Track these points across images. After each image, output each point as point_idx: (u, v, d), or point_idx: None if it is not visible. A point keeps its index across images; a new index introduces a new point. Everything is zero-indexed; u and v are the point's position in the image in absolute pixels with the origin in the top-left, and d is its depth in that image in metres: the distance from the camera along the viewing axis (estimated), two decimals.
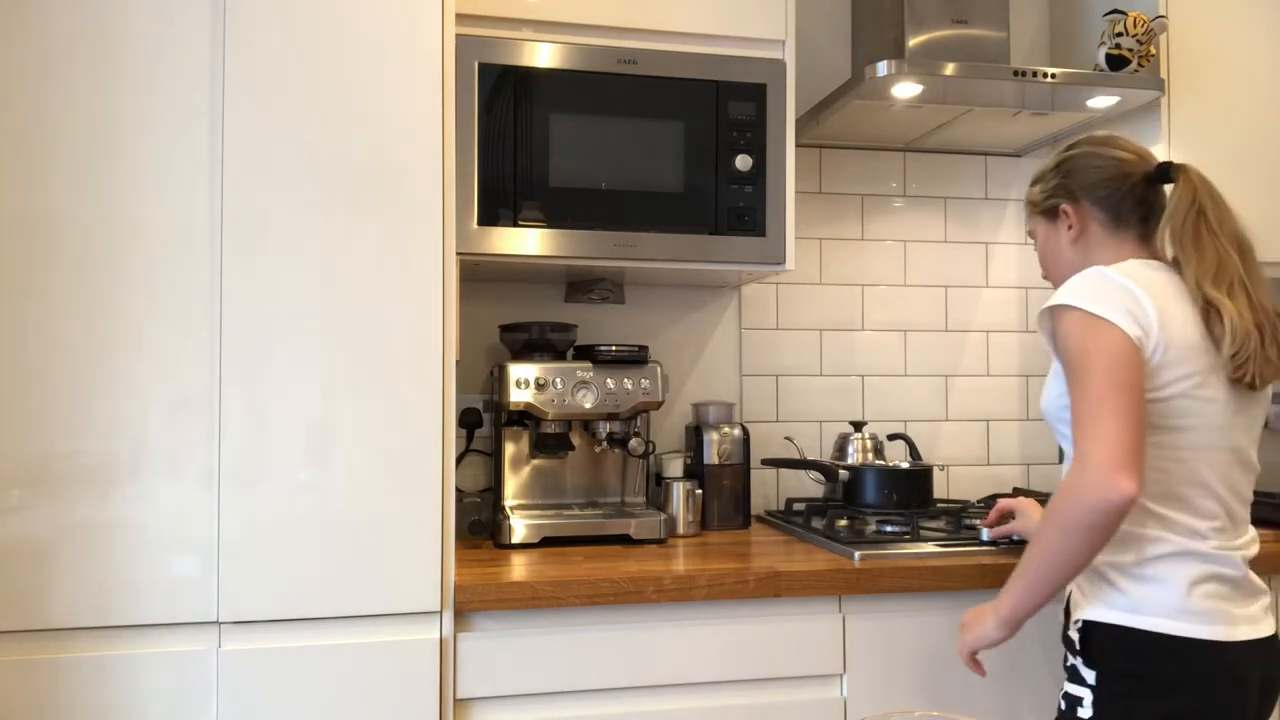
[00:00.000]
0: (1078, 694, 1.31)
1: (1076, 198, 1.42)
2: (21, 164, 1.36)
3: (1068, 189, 1.43)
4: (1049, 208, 1.45)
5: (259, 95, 1.43)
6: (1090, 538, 1.20)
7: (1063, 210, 1.43)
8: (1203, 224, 1.32)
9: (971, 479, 2.35)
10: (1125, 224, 1.40)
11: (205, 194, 1.42)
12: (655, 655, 1.54)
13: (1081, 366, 1.24)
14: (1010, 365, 2.38)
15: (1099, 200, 1.40)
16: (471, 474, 2.10)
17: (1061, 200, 1.43)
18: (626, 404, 1.86)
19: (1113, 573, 1.30)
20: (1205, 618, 1.25)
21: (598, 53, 1.80)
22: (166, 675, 1.38)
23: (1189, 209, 1.33)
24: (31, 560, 1.36)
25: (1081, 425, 1.22)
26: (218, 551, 1.40)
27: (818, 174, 2.30)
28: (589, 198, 1.79)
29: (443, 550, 1.47)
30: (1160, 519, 1.28)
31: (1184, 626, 1.24)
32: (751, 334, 2.26)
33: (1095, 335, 1.24)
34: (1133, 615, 1.27)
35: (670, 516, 1.93)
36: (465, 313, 2.12)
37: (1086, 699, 1.29)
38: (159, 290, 1.40)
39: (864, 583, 1.59)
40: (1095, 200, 1.40)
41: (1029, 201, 1.50)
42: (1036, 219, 1.49)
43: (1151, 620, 1.26)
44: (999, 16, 2.05)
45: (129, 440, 1.38)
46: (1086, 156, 1.42)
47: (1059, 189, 1.44)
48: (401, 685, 1.44)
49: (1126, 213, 1.40)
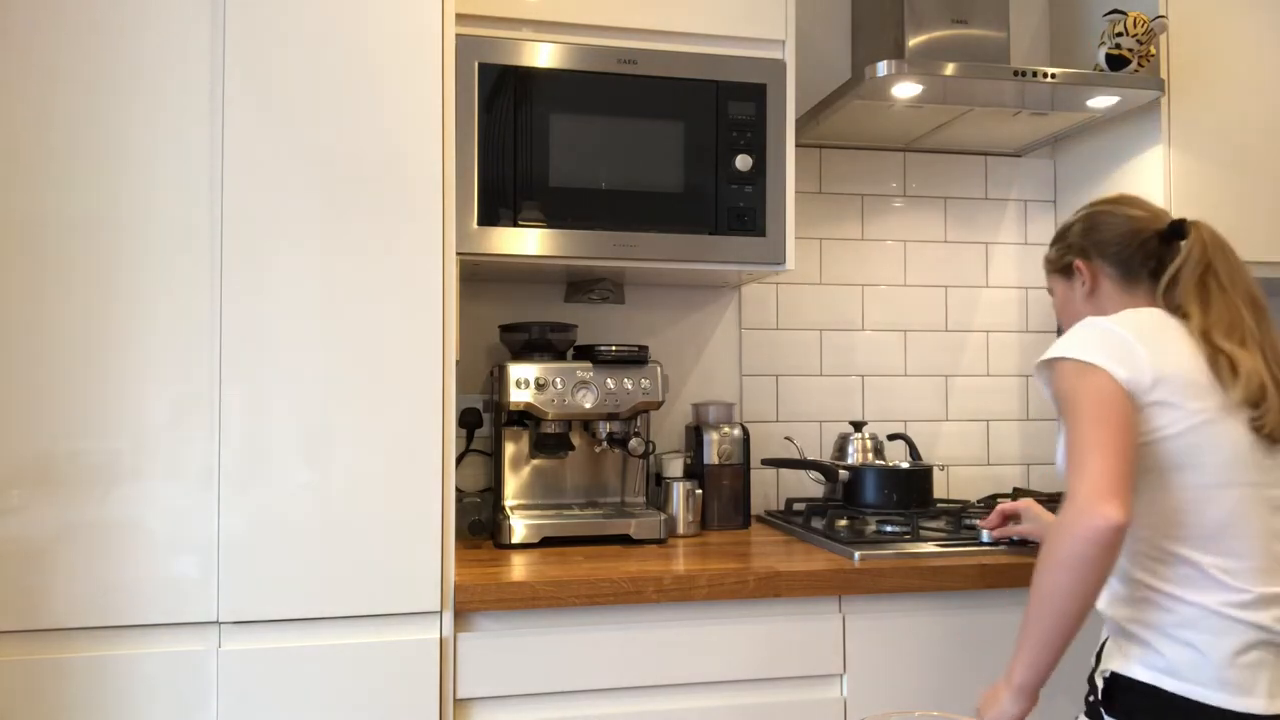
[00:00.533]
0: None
1: (1089, 254, 1.45)
2: (22, 164, 1.37)
3: (1081, 246, 1.46)
4: (1064, 265, 1.49)
5: (259, 95, 1.43)
6: (1084, 572, 1.18)
7: (1076, 266, 1.46)
8: (1212, 279, 1.34)
9: (971, 479, 2.35)
10: (1136, 279, 1.42)
11: (205, 194, 1.42)
12: (655, 655, 1.54)
13: (1071, 412, 1.25)
14: (1010, 365, 2.38)
15: (1110, 256, 1.43)
16: (471, 474, 2.10)
17: (1075, 257, 1.47)
18: (626, 404, 1.86)
19: (1146, 632, 1.26)
20: (1239, 689, 1.20)
21: (598, 53, 1.80)
22: (167, 675, 1.38)
23: (1197, 264, 1.35)
24: (32, 560, 1.36)
25: (1071, 468, 1.23)
26: (218, 551, 1.40)
27: (818, 174, 2.30)
28: (589, 198, 1.79)
29: (443, 550, 1.47)
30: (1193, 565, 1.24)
31: (1221, 697, 1.20)
32: (751, 334, 2.26)
33: (1083, 380, 1.25)
34: (1166, 677, 1.24)
35: (670, 516, 1.93)
36: (465, 313, 2.12)
37: None
38: (159, 290, 1.40)
39: (864, 583, 1.59)
40: (1106, 256, 1.43)
41: (1046, 261, 1.54)
42: (1054, 277, 1.52)
43: (1185, 686, 1.22)
44: (999, 16, 2.05)
45: (129, 440, 1.38)
46: (1100, 215, 1.46)
47: (1073, 247, 1.47)
48: (401, 685, 1.44)
49: (1137, 268, 1.42)
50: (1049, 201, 2.41)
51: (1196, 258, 1.35)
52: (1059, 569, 1.20)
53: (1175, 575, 1.25)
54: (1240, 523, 1.24)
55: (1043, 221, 2.41)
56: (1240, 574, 1.23)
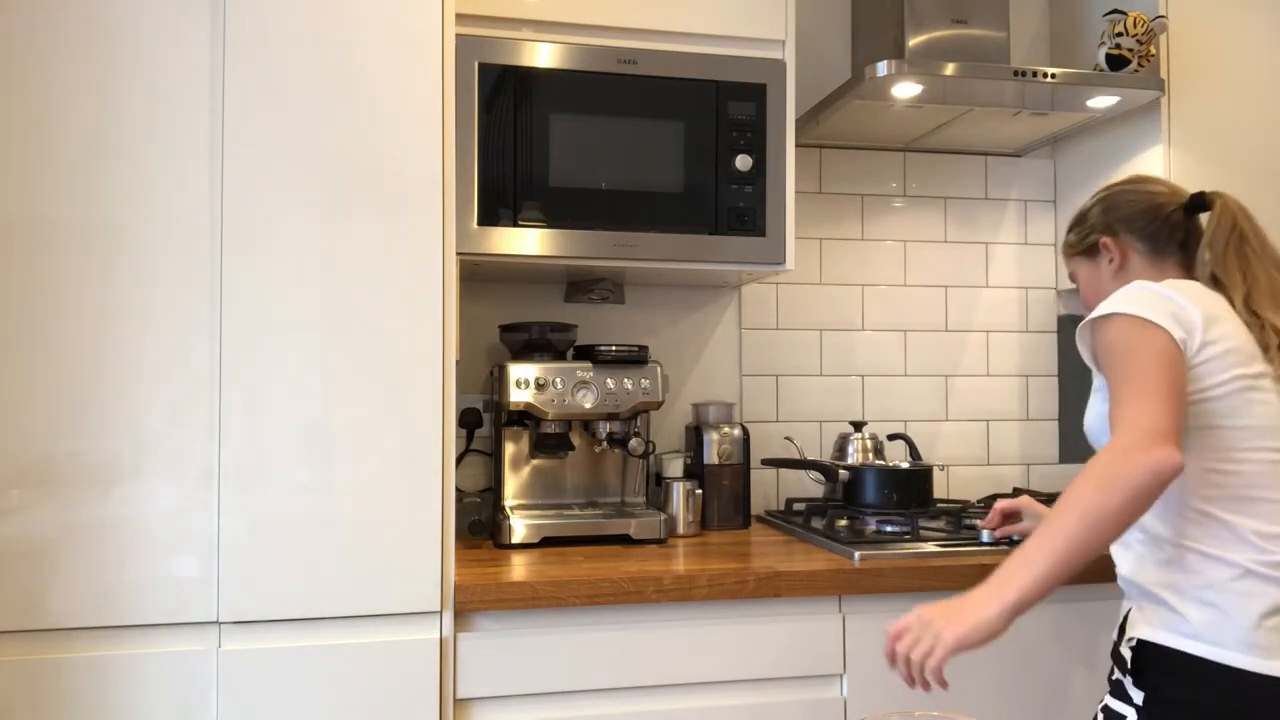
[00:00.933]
0: (1121, 711, 1.28)
1: (1115, 231, 1.44)
2: (22, 164, 1.37)
3: (1105, 224, 1.45)
4: (1088, 245, 1.47)
5: (259, 95, 1.43)
6: (1138, 502, 1.14)
7: (1102, 244, 1.45)
8: (1246, 247, 1.34)
9: (971, 479, 2.35)
10: (1164, 252, 1.41)
11: (205, 194, 1.42)
12: (655, 655, 1.54)
13: (1128, 362, 1.22)
14: (1010, 365, 2.38)
15: (1137, 231, 1.42)
16: (471, 474, 2.10)
17: (1100, 235, 1.45)
18: (626, 404, 1.86)
19: (1173, 596, 1.25)
20: (1267, 652, 1.19)
21: (598, 53, 1.80)
22: (167, 675, 1.38)
23: (1230, 233, 1.34)
24: (32, 560, 1.36)
25: (1125, 403, 1.19)
26: (218, 551, 1.40)
27: (818, 174, 2.30)
28: (589, 198, 1.79)
29: (443, 550, 1.47)
30: (1224, 524, 1.23)
31: (1247, 660, 1.19)
32: (751, 334, 2.26)
33: (1143, 337, 1.23)
34: (1192, 641, 1.23)
35: (670, 516, 1.93)
36: (465, 313, 2.12)
37: (1130, 717, 1.26)
38: (159, 290, 1.40)
39: (864, 583, 1.59)
40: (1133, 231, 1.43)
41: (1067, 246, 1.52)
42: (1077, 260, 1.51)
43: (1211, 649, 1.21)
44: (999, 16, 2.05)
45: (129, 440, 1.38)
46: (1120, 194, 1.46)
47: (1095, 226, 1.46)
48: (401, 685, 1.44)
49: (1164, 241, 1.41)
50: (1049, 201, 2.41)
51: (1229, 226, 1.34)
52: (1110, 491, 1.13)
53: (1205, 535, 1.24)
54: (1275, 485, 1.24)
55: (1043, 221, 2.41)
56: (1272, 537, 1.22)
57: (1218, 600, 1.22)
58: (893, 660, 1.22)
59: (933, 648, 1.16)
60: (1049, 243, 2.41)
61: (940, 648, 1.15)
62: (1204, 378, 1.25)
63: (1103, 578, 1.49)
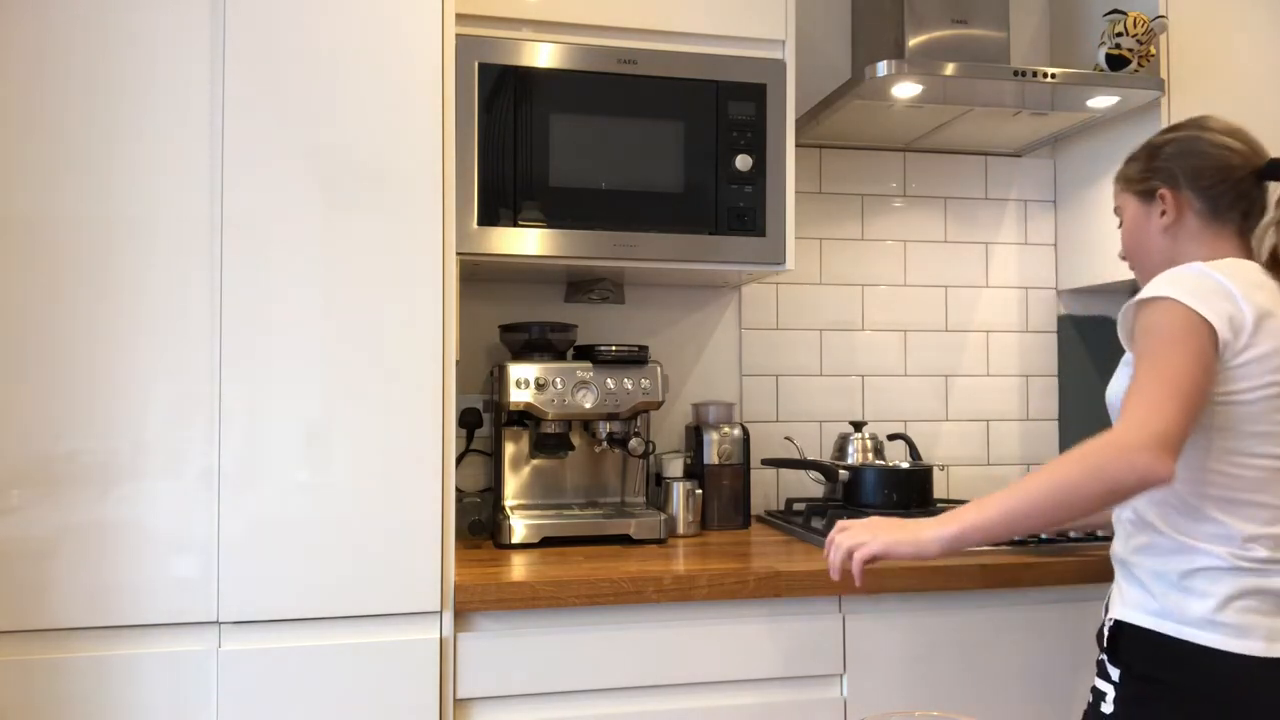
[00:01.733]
0: (1102, 689, 1.29)
1: (1177, 183, 1.33)
2: (22, 164, 1.36)
3: (1169, 172, 1.34)
4: (1145, 189, 1.37)
5: (259, 95, 1.43)
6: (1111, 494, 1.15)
7: (1160, 194, 1.35)
8: None
9: (971, 479, 2.35)
10: (1223, 218, 1.32)
11: (205, 194, 1.42)
12: (655, 655, 1.54)
13: (1166, 352, 1.19)
14: (1010, 365, 2.38)
15: (1201, 190, 1.32)
16: (471, 474, 2.10)
17: (1160, 184, 1.35)
18: (626, 404, 1.86)
19: (1148, 577, 1.27)
20: (1237, 631, 1.19)
21: (598, 53, 1.80)
22: (167, 675, 1.38)
23: None
24: (31, 560, 1.36)
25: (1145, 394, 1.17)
26: (218, 551, 1.40)
27: (818, 174, 2.30)
28: (589, 198, 1.79)
29: (443, 550, 1.47)
30: (1214, 521, 1.23)
31: (1211, 637, 1.20)
32: (751, 334, 2.26)
33: (1188, 331, 1.19)
34: (1159, 620, 1.24)
35: (670, 516, 1.93)
36: (465, 313, 2.12)
37: (1109, 695, 1.27)
38: (159, 290, 1.40)
39: (864, 583, 1.59)
40: (1197, 189, 1.32)
41: (1123, 178, 1.42)
42: (1128, 197, 1.40)
43: (1177, 627, 1.22)
44: (999, 16, 2.05)
45: (129, 440, 1.38)
46: (1193, 140, 1.34)
47: (1159, 171, 1.35)
48: (401, 685, 1.44)
49: (1226, 207, 1.32)
50: (1049, 201, 2.41)
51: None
52: (1092, 478, 1.15)
53: (1193, 528, 1.24)
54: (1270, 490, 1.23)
55: (1043, 221, 2.41)
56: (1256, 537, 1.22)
57: (1190, 585, 1.23)
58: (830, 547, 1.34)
59: (866, 545, 1.29)
60: (1049, 243, 2.41)
61: (872, 545, 1.29)
62: (1236, 380, 1.22)
63: (1103, 578, 1.49)
